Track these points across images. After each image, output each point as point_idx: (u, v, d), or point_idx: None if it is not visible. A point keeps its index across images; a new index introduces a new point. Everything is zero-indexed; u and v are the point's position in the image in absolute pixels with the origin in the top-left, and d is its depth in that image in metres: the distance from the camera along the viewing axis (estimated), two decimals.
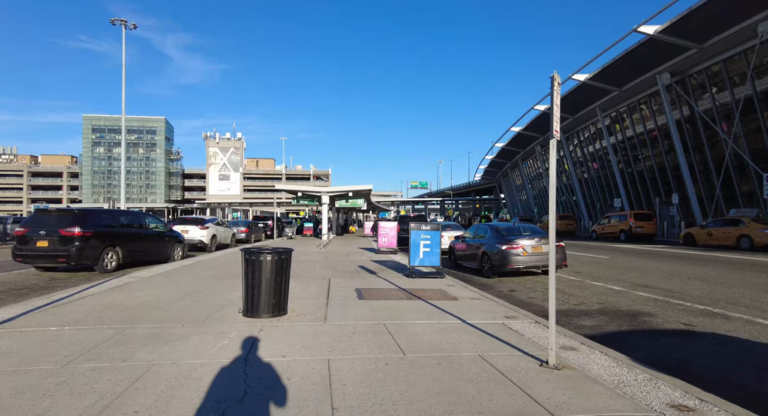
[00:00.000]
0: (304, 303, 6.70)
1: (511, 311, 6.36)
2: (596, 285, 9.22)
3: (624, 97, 32.93)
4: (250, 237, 25.47)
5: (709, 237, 18.07)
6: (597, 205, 39.71)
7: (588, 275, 10.74)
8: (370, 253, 16.62)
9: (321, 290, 8.02)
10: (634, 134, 34.07)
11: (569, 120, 39.66)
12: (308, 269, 11.42)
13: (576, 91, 32.92)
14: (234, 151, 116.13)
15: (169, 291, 7.64)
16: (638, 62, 27.39)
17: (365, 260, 13.94)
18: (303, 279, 9.45)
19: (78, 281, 9.48)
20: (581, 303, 7.44)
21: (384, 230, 16.88)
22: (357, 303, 6.77)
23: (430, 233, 10.00)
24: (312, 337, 4.79)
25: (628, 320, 6.23)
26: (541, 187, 54.97)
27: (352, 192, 28.81)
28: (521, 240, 10.23)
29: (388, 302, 6.93)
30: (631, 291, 8.38)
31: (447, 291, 8.07)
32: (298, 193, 29.69)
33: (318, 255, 15.87)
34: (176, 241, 14.23)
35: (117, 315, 5.71)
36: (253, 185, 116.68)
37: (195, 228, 18.13)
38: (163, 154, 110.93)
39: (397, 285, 8.72)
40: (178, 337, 4.68)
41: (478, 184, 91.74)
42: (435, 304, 6.72)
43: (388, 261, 13.52)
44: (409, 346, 4.48)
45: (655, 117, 31.51)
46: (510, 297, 8.17)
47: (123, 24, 30.31)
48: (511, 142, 51.87)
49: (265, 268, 5.62)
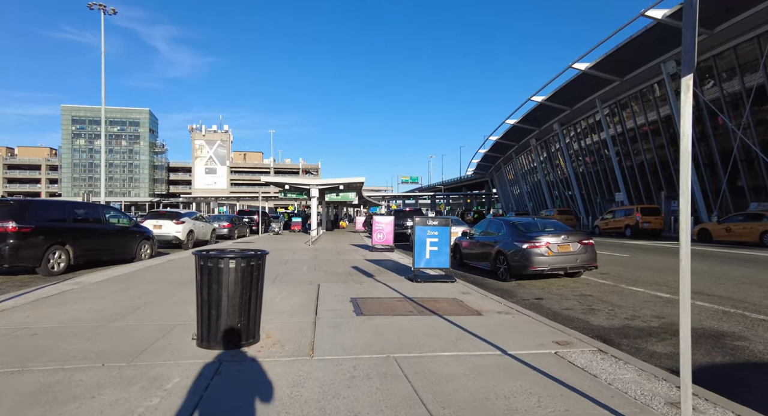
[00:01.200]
0: (284, 323, 5.09)
1: (557, 332, 4.83)
2: (637, 292, 7.75)
3: (625, 88, 31.64)
4: (233, 232, 23.68)
5: (727, 233, 16.83)
6: (597, 199, 38.55)
7: (618, 277, 9.29)
8: (364, 251, 15.03)
9: (308, 300, 6.41)
10: (635, 126, 32.86)
11: (567, 112, 38.23)
12: (294, 271, 9.79)
13: (575, 81, 31.50)
14: (221, 144, 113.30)
15: (112, 304, 5.96)
16: (643, 50, 25.82)
17: (359, 259, 12.34)
18: (287, 284, 7.83)
19: (6, 288, 7.71)
20: (634, 317, 5.95)
21: (379, 225, 15.28)
22: (354, 321, 5.18)
23: (437, 229, 8.44)
24: (291, 388, 3.19)
25: (713, 344, 4.75)
26: (536, 181, 53.82)
27: (343, 185, 27.14)
28: (545, 238, 8.68)
29: (394, 319, 5.35)
30: None
31: (464, 301, 6.52)
32: (286, 186, 27.91)
33: (306, 253, 14.22)
34: (143, 238, 12.47)
35: (13, 348, 4.03)
36: (241, 179, 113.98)
37: (169, 223, 16.33)
38: (147, 146, 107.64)
39: (401, 292, 7.15)
40: (81, 393, 3.02)
41: (469, 178, 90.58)
42: (456, 322, 5.16)
43: (385, 261, 11.94)
44: (441, 406, 2.91)
45: (658, 108, 30.29)
46: (540, 307, 6.65)
47: (102, 9, 28.54)
48: (505, 135, 50.49)
49: (227, 279, 4.00)
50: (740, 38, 23.16)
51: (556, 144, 45.61)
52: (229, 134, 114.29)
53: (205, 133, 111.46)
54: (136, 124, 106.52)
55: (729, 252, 13.85)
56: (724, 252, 14.07)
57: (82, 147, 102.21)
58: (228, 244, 18.46)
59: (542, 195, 52.13)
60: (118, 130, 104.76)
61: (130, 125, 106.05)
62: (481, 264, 10.48)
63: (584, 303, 6.94)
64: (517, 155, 57.67)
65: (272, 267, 10.24)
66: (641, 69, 28.32)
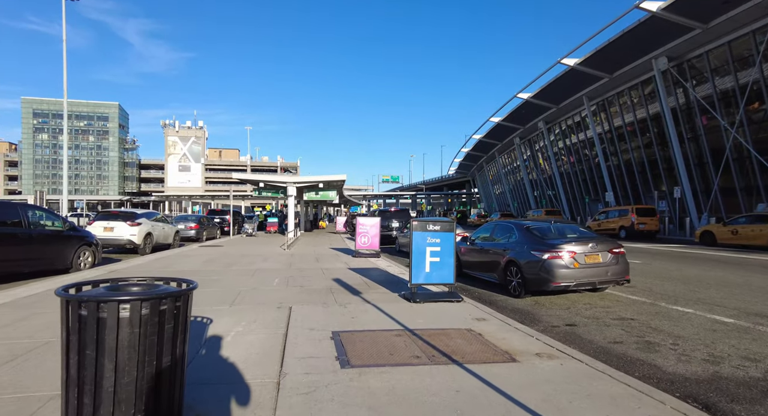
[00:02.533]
0: (227, 393, 3.34)
1: (639, 394, 3.24)
2: (686, 314, 6.29)
3: (614, 84, 30.82)
4: (201, 234, 21.57)
5: (734, 235, 15.80)
6: (586, 199, 37.79)
7: (650, 292, 7.85)
8: (347, 257, 13.30)
9: (272, 338, 4.66)
10: (624, 123, 32.11)
11: (552, 109, 37.18)
12: (262, 285, 8.00)
13: (563, 78, 30.39)
14: (195, 140, 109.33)
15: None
16: (635, 45, 24.69)
17: (341, 268, 10.62)
18: (249, 307, 6.06)
19: None
20: (715, 358, 4.43)
21: (363, 228, 13.58)
22: (338, 383, 3.47)
23: (440, 235, 6.81)
24: None
25: None
26: (518, 179, 53.03)
27: (322, 182, 25.29)
28: (569, 246, 7.12)
29: (396, 375, 3.66)
30: (759, 327, 5.49)
31: (482, 333, 4.90)
32: (260, 184, 25.89)
33: (280, 259, 12.40)
34: (82, 243, 10.43)
35: None
36: (216, 177, 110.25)
37: (122, 225, 14.23)
38: (116, 142, 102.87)
39: (399, 320, 5.48)
40: None
41: (451, 177, 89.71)
42: (488, 380, 3.52)
43: (371, 270, 10.25)
44: None
45: (647, 105, 29.55)
46: (580, 340, 5.09)
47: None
48: (488, 133, 49.45)
49: (114, 340, 2.25)
50: (736, 33, 22.43)
51: (541, 142, 44.81)
52: (204, 130, 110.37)
53: (178, 129, 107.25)
54: (105, 118, 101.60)
55: (750, 259, 12.70)
56: (743, 258, 12.93)
57: (44, 142, 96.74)
58: (193, 248, 16.45)
59: (525, 194, 51.39)
60: (85, 125, 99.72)
61: (98, 120, 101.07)
62: (485, 275, 8.91)
63: (631, 332, 5.42)
64: (500, 154, 56.83)
65: (235, 281, 8.43)
66: (631, 65, 27.40)
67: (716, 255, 13.65)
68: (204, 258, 12.48)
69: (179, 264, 11.30)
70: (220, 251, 15.22)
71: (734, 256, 13.23)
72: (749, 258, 12.63)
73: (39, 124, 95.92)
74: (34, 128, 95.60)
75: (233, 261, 11.99)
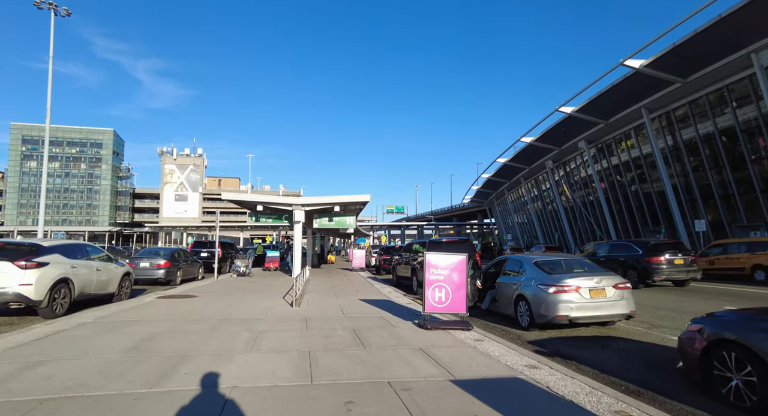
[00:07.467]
0: None
1: None
2: None
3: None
4: (172, 275, 15.37)
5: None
6: (597, 232, 34.34)
7: None
8: (406, 326, 7.06)
9: None
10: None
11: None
12: None
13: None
14: (193, 168, 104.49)
15: None
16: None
17: (437, 379, 4.39)
18: None
19: None
20: None
21: (437, 273, 7.34)
22: None
23: None
24: None
25: None
26: (553, 209, 46.94)
27: (338, 205, 19.22)
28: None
29: None
30: None
31: None
32: (258, 207, 19.86)
33: (286, 337, 6.17)
34: None
35: None
36: (215, 207, 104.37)
37: (7, 267, 8.10)
38: (109, 170, 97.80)
39: None
40: None
41: (462, 207, 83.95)
42: None
43: (506, 386, 4.06)
44: None
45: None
46: None
47: (52, 8, 22.02)
48: (515, 157, 44.07)
49: None
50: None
51: (546, 183, 40.17)
52: (203, 158, 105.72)
53: (176, 156, 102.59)
54: (99, 145, 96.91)
55: None
56: None
57: (32, 170, 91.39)
58: (145, 301, 10.23)
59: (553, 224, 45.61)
60: (78, 152, 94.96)
61: (91, 146, 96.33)
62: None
63: None
64: (527, 179, 51.16)
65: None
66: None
67: None
68: (133, 340, 6.26)
69: (53, 366, 5.08)
70: (184, 310, 9.04)
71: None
72: None
73: (28, 151, 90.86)
74: (23, 155, 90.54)
75: (189, 347, 5.80)
